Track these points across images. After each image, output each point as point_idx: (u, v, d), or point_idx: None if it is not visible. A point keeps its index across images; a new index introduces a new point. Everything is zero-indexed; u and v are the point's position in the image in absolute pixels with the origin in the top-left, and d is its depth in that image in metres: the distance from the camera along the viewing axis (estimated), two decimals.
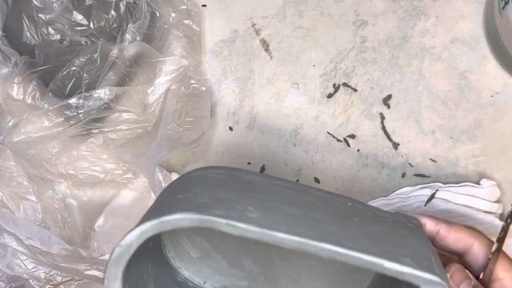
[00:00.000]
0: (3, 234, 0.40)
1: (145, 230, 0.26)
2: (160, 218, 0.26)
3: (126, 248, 0.27)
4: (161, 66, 0.45)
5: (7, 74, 0.43)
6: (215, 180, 0.31)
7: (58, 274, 0.44)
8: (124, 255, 0.27)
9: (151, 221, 0.26)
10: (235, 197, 0.28)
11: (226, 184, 0.30)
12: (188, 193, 0.29)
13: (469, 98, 0.44)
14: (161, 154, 0.42)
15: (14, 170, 0.45)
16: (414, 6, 0.45)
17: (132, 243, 0.26)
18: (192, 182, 0.31)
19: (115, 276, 0.27)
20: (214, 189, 0.29)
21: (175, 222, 0.26)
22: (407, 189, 0.44)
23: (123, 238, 0.27)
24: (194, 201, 0.27)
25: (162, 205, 0.28)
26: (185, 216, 0.25)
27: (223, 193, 0.29)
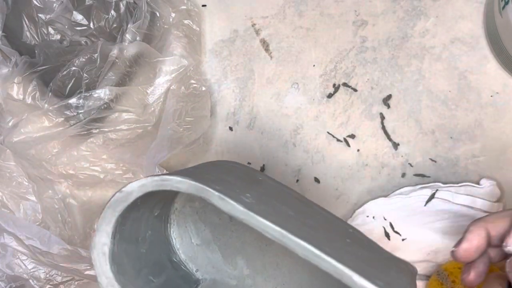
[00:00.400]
0: (3, 234, 0.40)
1: (146, 183, 0.27)
2: (162, 176, 0.27)
3: (126, 195, 0.27)
4: (161, 66, 0.45)
5: (7, 74, 0.43)
6: (229, 169, 0.32)
7: (58, 274, 0.44)
8: (122, 201, 0.28)
9: (153, 177, 0.27)
10: (238, 183, 0.29)
11: (235, 174, 0.31)
12: (199, 169, 0.30)
13: (469, 98, 0.44)
14: (161, 154, 0.42)
15: (14, 170, 0.45)
16: (414, 6, 0.45)
17: (132, 191, 0.27)
18: (208, 166, 0.32)
19: (109, 219, 0.28)
20: (223, 173, 0.30)
21: (174, 183, 0.27)
22: (407, 189, 0.44)
23: (125, 185, 0.28)
24: (198, 174, 0.28)
25: (175, 173, 0.29)
26: (184, 180, 0.26)
27: (229, 177, 0.30)
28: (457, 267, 0.41)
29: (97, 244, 0.29)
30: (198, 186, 0.26)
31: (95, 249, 0.29)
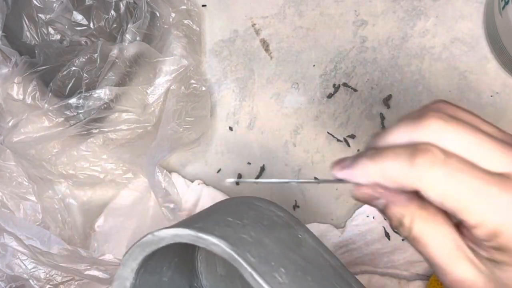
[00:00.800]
0: (3, 234, 0.40)
1: (181, 235, 0.26)
2: (198, 233, 0.26)
3: (157, 240, 0.27)
4: (161, 66, 0.45)
5: (7, 74, 0.43)
6: (269, 221, 0.31)
7: (58, 274, 0.44)
8: (152, 244, 0.27)
9: (190, 230, 0.26)
10: (276, 250, 0.28)
11: (276, 232, 0.30)
12: (238, 221, 0.29)
13: (469, 98, 0.44)
14: (161, 154, 0.42)
15: (14, 170, 0.45)
16: (414, 6, 0.45)
17: (165, 238, 0.27)
18: (248, 211, 0.31)
19: (135, 257, 0.28)
20: (264, 232, 0.29)
21: (208, 244, 0.26)
22: None
23: (160, 229, 0.27)
24: (237, 235, 0.27)
25: (210, 219, 0.28)
26: (220, 243, 0.25)
27: (268, 239, 0.28)
28: None
29: (120, 278, 0.29)
30: (232, 255, 0.25)
31: (117, 282, 0.29)
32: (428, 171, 0.19)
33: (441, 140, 0.20)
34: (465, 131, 0.20)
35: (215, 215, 0.30)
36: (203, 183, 0.49)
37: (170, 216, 0.42)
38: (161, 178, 0.43)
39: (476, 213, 0.19)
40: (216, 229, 0.27)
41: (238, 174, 0.49)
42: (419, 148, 0.19)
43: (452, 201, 0.19)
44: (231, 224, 0.28)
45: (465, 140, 0.20)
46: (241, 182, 0.42)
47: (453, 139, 0.20)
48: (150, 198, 0.49)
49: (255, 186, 0.48)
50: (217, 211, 0.31)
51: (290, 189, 0.48)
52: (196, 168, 0.50)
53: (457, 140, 0.20)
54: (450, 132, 0.20)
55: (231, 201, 0.34)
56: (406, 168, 0.19)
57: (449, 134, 0.20)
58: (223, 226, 0.27)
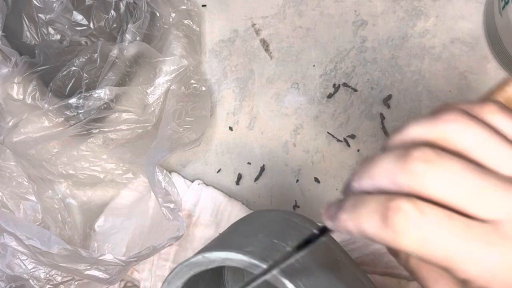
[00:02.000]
0: (3, 234, 0.40)
1: (232, 259, 0.26)
2: (251, 259, 0.26)
3: (207, 262, 0.27)
4: (161, 66, 0.45)
5: (7, 74, 0.43)
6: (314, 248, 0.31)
7: (58, 274, 0.44)
8: (201, 265, 0.27)
9: (243, 255, 0.26)
10: (322, 277, 0.28)
11: (318, 254, 0.30)
12: (283, 244, 0.28)
13: (469, 98, 0.44)
14: (161, 154, 0.42)
15: (14, 170, 0.45)
16: (414, 6, 0.45)
17: (215, 261, 0.27)
18: (290, 230, 0.31)
19: (182, 276, 0.28)
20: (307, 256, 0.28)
21: (262, 272, 0.25)
22: None
23: (210, 251, 0.27)
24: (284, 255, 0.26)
25: (256, 240, 0.28)
26: (278, 277, 0.25)
27: (315, 265, 0.28)
28: None
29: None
30: (285, 285, 0.25)
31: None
32: (401, 234, 0.17)
33: (423, 187, 0.18)
34: (452, 177, 0.17)
35: (260, 235, 0.29)
36: (203, 183, 0.49)
37: (170, 216, 0.42)
38: (161, 178, 0.43)
39: (460, 271, 0.17)
40: (266, 254, 0.26)
41: (238, 174, 0.49)
42: (392, 206, 0.18)
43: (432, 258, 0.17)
44: (279, 247, 0.28)
45: (450, 188, 0.17)
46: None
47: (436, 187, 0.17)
48: (150, 198, 0.49)
49: (255, 186, 0.48)
50: (259, 230, 0.30)
51: (290, 189, 0.48)
52: (196, 168, 0.50)
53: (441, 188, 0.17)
54: (433, 180, 0.17)
55: (268, 215, 0.33)
56: (381, 229, 0.18)
57: (433, 182, 0.17)
58: (271, 250, 0.27)
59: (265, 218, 0.33)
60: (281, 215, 0.33)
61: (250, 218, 0.34)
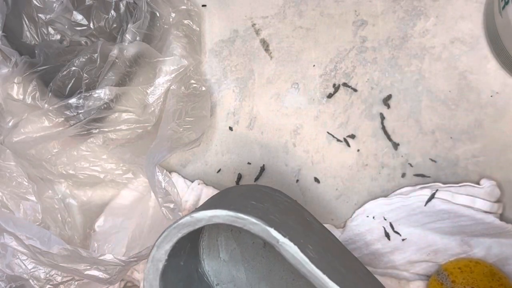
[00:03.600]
0: (3, 234, 0.40)
1: (219, 216, 0.27)
2: (237, 213, 0.27)
3: (195, 221, 0.28)
4: (161, 66, 0.45)
5: (7, 74, 0.43)
6: (283, 205, 0.32)
7: (58, 274, 0.44)
8: (189, 226, 0.28)
9: (228, 211, 0.27)
10: (299, 230, 0.29)
11: (292, 215, 0.31)
12: (260, 204, 0.30)
13: (469, 98, 0.44)
14: (161, 154, 0.42)
15: (14, 170, 0.45)
16: (414, 6, 0.45)
17: (202, 219, 0.28)
18: (263, 196, 0.32)
19: (170, 239, 0.29)
20: (283, 214, 0.30)
21: (247, 224, 0.27)
22: (407, 189, 0.44)
23: (197, 211, 0.28)
24: (267, 216, 0.28)
25: (236, 203, 0.29)
26: (259, 223, 0.27)
27: (290, 221, 0.30)
28: (457, 267, 0.41)
29: (154, 260, 0.29)
30: (269, 233, 0.26)
31: (151, 264, 0.30)
32: None
33: None
34: None
35: (239, 199, 0.31)
36: (203, 183, 0.49)
37: (170, 216, 0.42)
38: (161, 178, 0.43)
39: None
40: (249, 211, 0.27)
41: (238, 174, 0.49)
42: None
43: None
44: (257, 207, 0.29)
45: None
46: None
47: None
48: (150, 198, 0.49)
49: None
50: (236, 197, 0.32)
51: (290, 189, 0.48)
52: (196, 168, 0.50)
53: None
54: None
55: (241, 188, 0.34)
56: None
57: None
58: (252, 208, 0.28)
59: (239, 190, 0.34)
60: (252, 187, 0.35)
61: (224, 192, 0.35)
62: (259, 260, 0.37)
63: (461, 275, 0.40)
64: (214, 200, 0.33)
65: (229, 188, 0.37)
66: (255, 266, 0.37)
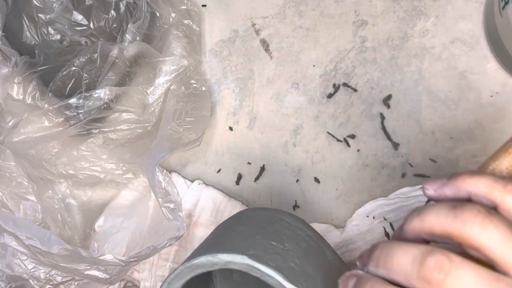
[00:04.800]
0: (3, 234, 0.40)
1: (234, 262, 0.27)
2: (255, 263, 0.26)
3: (209, 264, 0.28)
4: (161, 66, 0.45)
5: (7, 74, 0.43)
6: (305, 244, 0.31)
7: (58, 274, 0.44)
8: (203, 267, 0.28)
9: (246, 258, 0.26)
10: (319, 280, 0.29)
11: (312, 256, 0.31)
12: (281, 245, 0.29)
13: (469, 98, 0.44)
14: (161, 154, 0.42)
15: (14, 170, 0.45)
16: (414, 6, 0.45)
17: (217, 263, 0.27)
18: (284, 231, 0.31)
19: (182, 277, 0.29)
20: (304, 258, 0.29)
21: (265, 276, 0.26)
22: (407, 189, 0.44)
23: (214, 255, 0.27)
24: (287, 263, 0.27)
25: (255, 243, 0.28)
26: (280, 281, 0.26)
27: (311, 268, 0.29)
28: None
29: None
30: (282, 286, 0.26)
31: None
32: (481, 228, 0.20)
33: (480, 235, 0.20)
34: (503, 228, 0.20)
35: (258, 236, 0.30)
36: (203, 183, 0.49)
37: (170, 216, 0.42)
38: (161, 178, 0.43)
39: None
40: (268, 258, 0.27)
41: (238, 174, 0.49)
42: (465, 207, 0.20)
43: None
44: (278, 250, 0.28)
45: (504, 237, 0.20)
46: None
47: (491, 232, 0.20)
48: (150, 198, 0.49)
49: (255, 186, 0.48)
50: (256, 231, 0.31)
51: (290, 189, 0.48)
52: (196, 168, 0.50)
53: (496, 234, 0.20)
54: (489, 230, 0.20)
55: (261, 215, 0.33)
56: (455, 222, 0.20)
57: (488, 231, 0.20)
58: (272, 253, 0.27)
59: (259, 218, 0.33)
60: (274, 214, 0.34)
61: (245, 217, 0.34)
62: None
63: None
64: (231, 229, 0.32)
65: (249, 211, 0.36)
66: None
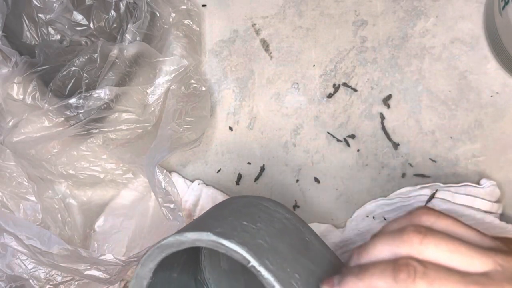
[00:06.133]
0: (3, 234, 0.40)
1: (202, 240, 0.27)
2: (219, 238, 0.27)
3: (178, 243, 0.28)
4: (161, 66, 0.45)
5: (7, 74, 0.43)
6: (280, 225, 0.32)
7: (58, 274, 0.44)
8: (172, 247, 0.28)
9: (212, 235, 0.27)
10: (290, 256, 0.29)
11: (286, 236, 0.31)
12: (252, 225, 0.30)
13: (469, 98, 0.44)
14: (161, 154, 0.42)
15: (14, 170, 0.45)
16: (414, 6, 0.45)
17: (185, 242, 0.28)
18: (259, 213, 0.32)
19: (154, 258, 0.29)
20: (276, 237, 0.30)
21: (228, 250, 0.27)
22: (407, 189, 0.44)
23: (181, 233, 0.28)
24: (255, 240, 0.28)
25: (226, 223, 0.29)
26: (240, 250, 0.26)
27: (283, 245, 0.29)
28: None
29: (138, 277, 0.30)
30: (252, 263, 0.26)
31: (135, 281, 0.30)
32: (411, 285, 0.22)
33: (421, 252, 0.23)
34: (442, 242, 0.23)
35: (231, 218, 0.30)
36: (203, 183, 0.49)
37: (170, 216, 0.42)
38: (161, 178, 0.43)
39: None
40: (235, 235, 0.27)
41: (238, 174, 0.49)
42: (400, 263, 0.22)
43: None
44: (247, 229, 0.29)
45: (443, 251, 0.23)
46: None
47: (432, 250, 0.23)
48: (150, 198, 0.49)
49: (254, 186, 0.48)
50: (230, 214, 0.31)
51: (290, 189, 0.48)
52: (196, 168, 0.50)
53: (436, 251, 0.23)
54: (428, 245, 0.23)
55: (240, 201, 0.34)
56: (391, 284, 0.22)
57: (428, 247, 0.23)
58: (240, 231, 0.28)
59: (237, 204, 0.34)
60: (252, 200, 0.34)
61: (224, 203, 0.35)
62: None
63: None
64: (208, 215, 0.33)
65: (229, 199, 0.36)
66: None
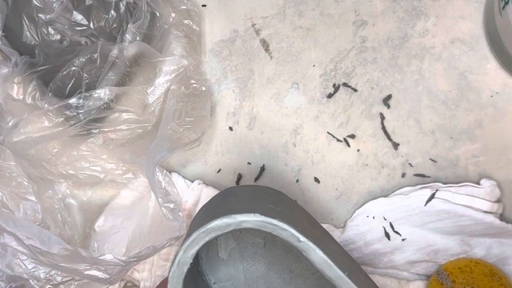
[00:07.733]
0: (3, 234, 0.40)
1: (249, 220, 0.27)
2: (267, 218, 0.27)
3: (224, 225, 0.28)
4: (161, 66, 0.45)
5: (7, 74, 0.43)
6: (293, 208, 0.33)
7: (58, 274, 0.44)
8: (218, 230, 0.28)
9: (259, 215, 0.27)
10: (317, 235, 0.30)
11: (302, 218, 0.32)
12: (278, 207, 0.30)
13: (469, 98, 0.44)
14: (161, 154, 0.42)
15: (14, 170, 0.45)
16: (414, 6, 0.45)
17: (231, 224, 0.28)
18: (272, 198, 0.32)
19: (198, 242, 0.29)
20: (299, 218, 0.30)
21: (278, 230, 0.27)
22: (407, 189, 0.44)
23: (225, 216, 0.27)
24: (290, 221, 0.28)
25: (255, 206, 0.29)
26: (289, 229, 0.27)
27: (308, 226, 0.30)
28: (457, 267, 0.41)
29: (179, 264, 0.29)
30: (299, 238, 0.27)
31: (176, 268, 0.29)
32: None
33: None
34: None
35: (256, 202, 0.30)
36: (203, 183, 0.49)
37: (170, 216, 0.42)
38: (161, 178, 0.43)
39: None
40: (274, 216, 0.27)
41: (238, 174, 0.49)
42: None
43: None
44: (277, 210, 0.29)
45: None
46: None
47: None
48: (150, 198, 0.49)
49: None
50: (250, 198, 0.31)
51: (290, 189, 0.48)
52: (196, 168, 0.50)
53: None
54: None
55: (246, 189, 0.34)
56: None
57: None
58: (274, 213, 0.28)
59: (244, 191, 0.34)
60: (256, 187, 0.35)
61: (231, 192, 0.35)
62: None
63: (461, 275, 0.40)
64: (227, 202, 0.32)
65: (231, 188, 0.36)
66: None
